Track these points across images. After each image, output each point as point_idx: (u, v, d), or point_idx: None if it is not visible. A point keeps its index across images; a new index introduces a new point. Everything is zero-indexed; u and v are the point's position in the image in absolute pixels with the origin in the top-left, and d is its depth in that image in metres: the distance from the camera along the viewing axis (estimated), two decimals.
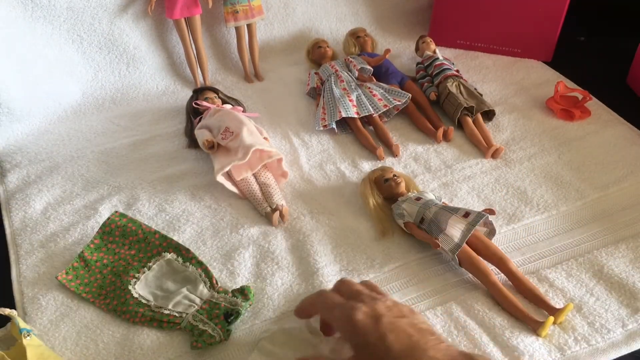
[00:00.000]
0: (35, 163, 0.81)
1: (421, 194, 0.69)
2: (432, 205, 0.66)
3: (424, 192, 0.70)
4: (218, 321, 0.57)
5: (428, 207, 0.66)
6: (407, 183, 0.72)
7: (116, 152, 0.84)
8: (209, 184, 0.76)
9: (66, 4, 0.89)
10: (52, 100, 0.91)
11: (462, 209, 0.64)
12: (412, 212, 0.66)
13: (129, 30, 0.95)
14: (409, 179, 0.74)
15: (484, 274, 0.60)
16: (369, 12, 1.13)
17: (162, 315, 0.57)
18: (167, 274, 0.62)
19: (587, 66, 1.01)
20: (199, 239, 0.68)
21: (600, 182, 0.75)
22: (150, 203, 0.74)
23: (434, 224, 0.64)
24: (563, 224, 0.69)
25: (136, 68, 0.97)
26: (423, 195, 0.69)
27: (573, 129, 0.85)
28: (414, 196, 0.68)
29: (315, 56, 1.01)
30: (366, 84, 0.91)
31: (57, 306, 0.60)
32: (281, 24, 1.07)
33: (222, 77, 1.02)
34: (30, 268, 0.65)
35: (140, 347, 0.56)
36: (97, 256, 0.65)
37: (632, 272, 0.62)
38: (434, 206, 0.66)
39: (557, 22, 0.98)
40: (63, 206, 0.74)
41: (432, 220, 0.64)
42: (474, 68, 1.01)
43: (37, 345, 0.52)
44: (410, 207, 0.67)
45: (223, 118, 0.79)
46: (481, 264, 0.61)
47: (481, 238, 0.63)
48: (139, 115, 0.92)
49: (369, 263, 0.64)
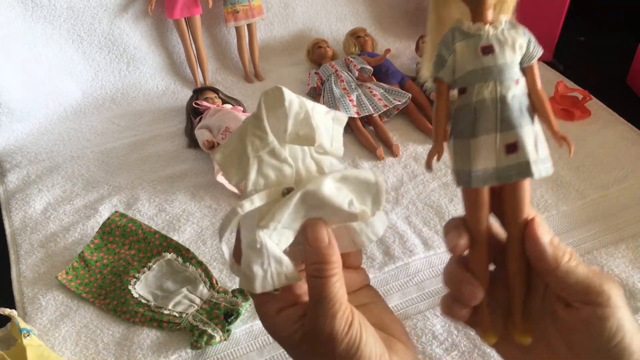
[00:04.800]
0: (36, 163, 0.81)
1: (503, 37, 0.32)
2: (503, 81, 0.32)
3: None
4: (218, 321, 0.57)
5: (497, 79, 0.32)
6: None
7: (116, 152, 0.84)
8: (209, 184, 0.76)
9: (66, 3, 0.89)
10: (52, 100, 0.91)
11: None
12: (464, 63, 0.32)
13: (129, 30, 0.95)
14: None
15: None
16: (369, 12, 1.13)
17: (162, 315, 0.57)
18: (167, 274, 0.62)
19: (587, 66, 1.01)
20: (199, 239, 0.68)
21: (600, 182, 0.75)
22: (150, 203, 0.74)
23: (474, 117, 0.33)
24: (563, 224, 0.69)
25: (136, 68, 0.97)
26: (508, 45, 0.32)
27: (573, 129, 0.85)
28: (490, 33, 0.32)
29: (315, 56, 1.01)
30: (366, 83, 0.91)
31: (57, 306, 0.60)
32: (281, 24, 1.07)
33: (222, 77, 1.02)
34: (30, 268, 0.65)
35: (140, 347, 0.56)
36: (97, 256, 0.65)
37: (632, 272, 0.62)
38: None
39: (557, 22, 0.98)
40: (63, 206, 0.74)
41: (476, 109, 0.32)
42: None
43: (37, 345, 0.52)
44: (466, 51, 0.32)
45: (223, 118, 0.79)
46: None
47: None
48: (139, 115, 0.92)
49: (369, 263, 0.64)
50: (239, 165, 0.31)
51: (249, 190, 0.30)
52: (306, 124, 0.31)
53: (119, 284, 0.61)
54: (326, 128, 0.32)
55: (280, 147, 0.31)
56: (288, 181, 0.31)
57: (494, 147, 0.31)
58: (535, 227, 0.31)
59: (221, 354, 0.56)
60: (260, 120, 0.30)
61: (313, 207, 0.31)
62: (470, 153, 0.32)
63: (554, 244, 0.31)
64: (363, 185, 0.32)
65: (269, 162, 0.31)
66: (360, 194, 0.32)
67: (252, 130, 0.31)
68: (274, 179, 0.31)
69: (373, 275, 0.63)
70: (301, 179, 0.31)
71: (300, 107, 0.31)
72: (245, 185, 0.31)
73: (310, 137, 0.31)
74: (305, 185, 0.30)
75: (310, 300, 0.30)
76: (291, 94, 0.31)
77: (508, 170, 0.31)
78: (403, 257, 0.65)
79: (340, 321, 0.29)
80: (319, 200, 0.30)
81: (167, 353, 0.55)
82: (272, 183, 0.31)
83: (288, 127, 0.30)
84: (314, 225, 0.31)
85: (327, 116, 0.32)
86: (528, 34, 0.32)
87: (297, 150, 0.32)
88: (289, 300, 0.31)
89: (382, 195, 0.32)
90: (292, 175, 0.31)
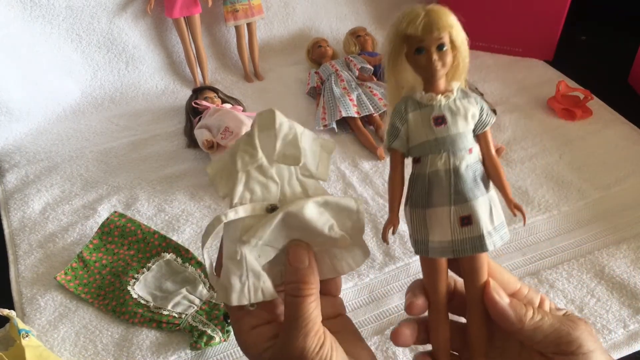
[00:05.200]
0: (34, 163, 0.81)
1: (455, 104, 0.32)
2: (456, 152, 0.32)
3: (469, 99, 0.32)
4: (217, 322, 0.56)
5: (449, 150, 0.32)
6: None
7: (115, 151, 0.84)
8: (208, 184, 0.76)
9: (65, 3, 0.88)
10: (50, 99, 0.91)
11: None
12: (416, 132, 0.32)
13: (128, 29, 0.94)
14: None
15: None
16: (369, 11, 1.12)
17: (161, 316, 0.57)
18: (167, 275, 0.62)
19: (588, 65, 1.01)
20: (199, 239, 0.68)
21: (602, 182, 0.75)
22: (149, 203, 0.73)
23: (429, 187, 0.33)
24: (564, 224, 0.69)
25: (135, 67, 0.97)
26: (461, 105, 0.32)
27: (574, 129, 0.85)
28: (442, 104, 0.32)
29: (316, 55, 1.00)
30: (366, 83, 0.91)
31: (55, 307, 0.60)
32: (281, 23, 1.07)
33: (221, 77, 1.02)
34: (29, 268, 0.65)
35: (139, 348, 0.56)
36: (96, 256, 0.64)
37: (634, 272, 0.62)
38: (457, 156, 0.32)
39: (559, 21, 0.97)
40: (62, 206, 0.73)
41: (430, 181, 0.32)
42: (474, 67, 1.01)
43: (36, 346, 0.52)
44: (417, 120, 0.32)
45: (223, 117, 0.79)
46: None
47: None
48: (138, 115, 0.92)
49: (369, 263, 0.64)
50: (228, 178, 0.32)
51: (235, 202, 0.32)
52: (293, 145, 0.32)
53: (118, 284, 0.61)
54: (313, 152, 0.33)
55: (268, 165, 0.32)
56: (273, 198, 0.32)
57: (448, 220, 0.31)
58: (492, 292, 0.31)
59: (220, 355, 0.55)
60: (252, 137, 0.32)
61: (295, 228, 0.32)
62: (427, 224, 0.32)
63: (513, 304, 0.31)
64: (344, 212, 0.33)
65: (256, 178, 0.32)
66: (341, 220, 0.32)
67: (243, 146, 0.32)
68: (259, 195, 0.32)
69: (373, 275, 0.63)
70: (285, 199, 0.32)
71: (290, 129, 0.32)
72: (232, 197, 0.32)
73: (295, 157, 0.32)
74: (288, 205, 0.31)
75: (285, 318, 0.31)
76: (283, 117, 0.33)
77: (463, 243, 0.31)
78: (403, 257, 0.65)
79: (313, 340, 0.30)
80: (300, 222, 0.31)
81: (167, 354, 0.55)
82: (257, 198, 0.32)
83: (276, 146, 0.32)
84: (296, 246, 0.32)
85: (315, 142, 0.34)
86: (480, 102, 0.32)
87: (284, 170, 0.33)
88: (263, 318, 0.32)
89: (362, 223, 0.33)
90: (277, 193, 0.32)
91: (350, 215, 0.33)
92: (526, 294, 0.33)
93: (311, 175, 0.33)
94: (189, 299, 0.58)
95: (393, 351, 0.55)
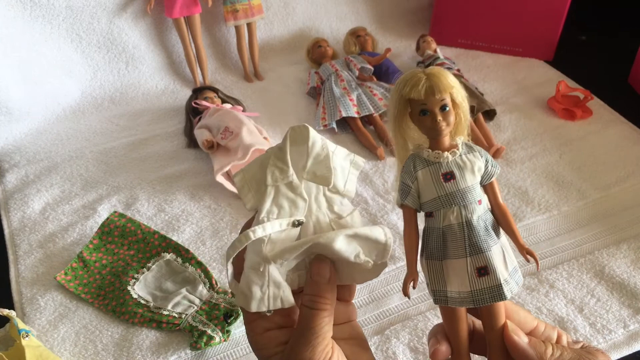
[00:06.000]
0: (34, 163, 0.81)
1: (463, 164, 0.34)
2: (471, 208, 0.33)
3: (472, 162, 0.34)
4: (218, 322, 0.56)
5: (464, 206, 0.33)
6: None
7: (115, 151, 0.84)
8: (208, 184, 0.76)
9: (65, 2, 0.88)
10: (50, 99, 0.91)
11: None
12: (426, 186, 0.34)
13: (128, 29, 0.94)
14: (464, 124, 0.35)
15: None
16: (369, 11, 1.12)
17: (161, 316, 0.57)
18: (167, 275, 0.62)
19: (588, 65, 1.01)
20: (199, 239, 0.68)
21: (602, 182, 0.75)
22: (149, 203, 0.73)
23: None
24: (564, 224, 0.69)
25: (135, 67, 0.97)
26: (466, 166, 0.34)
27: (574, 129, 0.85)
28: (449, 160, 0.33)
29: (316, 55, 1.00)
30: (367, 83, 0.91)
31: (55, 307, 0.60)
32: (281, 23, 1.06)
33: (221, 77, 1.02)
34: (29, 268, 0.65)
35: (139, 348, 0.56)
36: (96, 256, 0.64)
37: (634, 272, 0.62)
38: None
39: (559, 21, 0.97)
40: (62, 206, 0.73)
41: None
42: (474, 67, 1.01)
43: (36, 346, 0.52)
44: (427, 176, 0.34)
45: (223, 117, 0.79)
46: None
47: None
48: (138, 115, 0.92)
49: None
50: (256, 191, 0.33)
51: (262, 217, 0.32)
52: (324, 166, 0.33)
53: (118, 284, 0.61)
54: (342, 170, 0.34)
55: (298, 182, 0.32)
56: (300, 214, 0.33)
57: (465, 272, 0.33)
58: (511, 334, 0.32)
59: (221, 355, 0.55)
60: (284, 153, 0.32)
61: (320, 251, 0.33)
62: (444, 275, 0.34)
63: (532, 343, 0.32)
64: (372, 243, 0.34)
65: (285, 194, 0.32)
66: (367, 248, 0.33)
67: (274, 161, 0.32)
68: (287, 210, 0.32)
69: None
70: (311, 214, 0.33)
71: (322, 149, 0.33)
72: (259, 211, 0.32)
73: (326, 179, 0.33)
74: (318, 237, 0.31)
75: (297, 327, 0.32)
76: (316, 135, 0.33)
77: (482, 293, 0.32)
78: (403, 257, 0.64)
79: (321, 353, 0.31)
80: (328, 251, 0.32)
81: (167, 354, 0.55)
82: (285, 214, 0.32)
83: (307, 165, 0.32)
84: (320, 262, 0.33)
85: (346, 159, 0.34)
86: (485, 154, 0.34)
87: (311, 186, 0.33)
88: (277, 323, 0.33)
89: (388, 253, 0.35)
90: (304, 209, 0.33)
91: (378, 246, 0.34)
92: (543, 330, 0.34)
93: (338, 192, 0.34)
94: (189, 299, 0.58)
95: (393, 351, 0.55)
